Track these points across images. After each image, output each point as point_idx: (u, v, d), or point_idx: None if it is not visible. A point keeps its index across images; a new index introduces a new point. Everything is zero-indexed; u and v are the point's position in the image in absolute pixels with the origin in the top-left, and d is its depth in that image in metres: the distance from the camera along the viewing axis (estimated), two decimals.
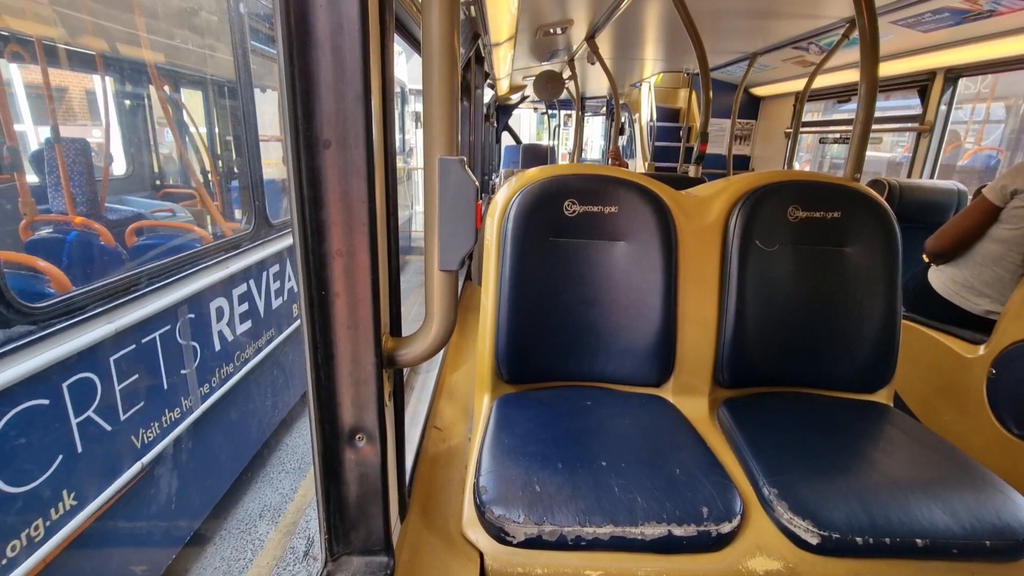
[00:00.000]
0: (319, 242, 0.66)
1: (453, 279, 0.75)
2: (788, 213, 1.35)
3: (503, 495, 0.94)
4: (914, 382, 2.08)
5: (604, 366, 1.37)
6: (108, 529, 1.84)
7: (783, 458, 1.08)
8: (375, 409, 0.75)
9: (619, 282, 1.34)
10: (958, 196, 2.59)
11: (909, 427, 1.22)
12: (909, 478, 1.03)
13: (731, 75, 4.99)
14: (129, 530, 1.95)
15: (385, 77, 0.71)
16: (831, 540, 0.91)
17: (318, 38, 0.60)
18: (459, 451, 1.33)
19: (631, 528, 0.90)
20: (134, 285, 1.99)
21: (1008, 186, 1.80)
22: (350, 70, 0.61)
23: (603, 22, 3.21)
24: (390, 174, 0.76)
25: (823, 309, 1.37)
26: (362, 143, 0.63)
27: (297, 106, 0.61)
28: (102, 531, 1.81)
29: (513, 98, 8.01)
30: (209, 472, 2.48)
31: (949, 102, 3.22)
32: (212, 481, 2.52)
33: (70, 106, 3.69)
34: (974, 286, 1.93)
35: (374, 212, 0.66)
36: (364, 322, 0.70)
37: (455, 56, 0.67)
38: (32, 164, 2.76)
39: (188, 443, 2.29)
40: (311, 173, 0.64)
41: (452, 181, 0.69)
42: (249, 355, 2.82)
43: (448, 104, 0.68)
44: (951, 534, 0.92)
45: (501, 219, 1.32)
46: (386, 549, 0.83)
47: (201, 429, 2.38)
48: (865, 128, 1.71)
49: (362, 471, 0.78)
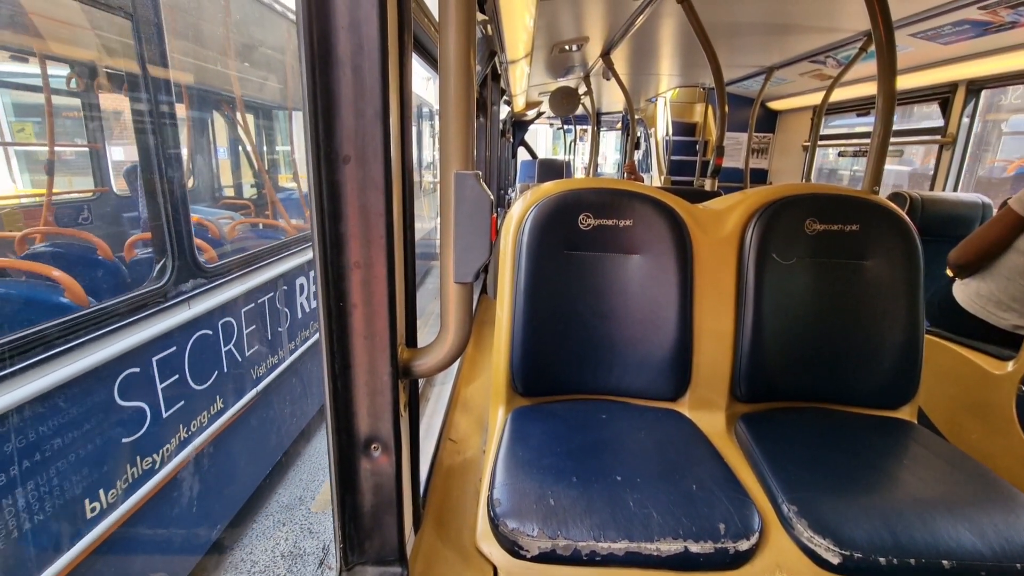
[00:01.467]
0: (338, 254, 0.68)
1: (468, 291, 0.76)
2: (805, 226, 1.34)
3: (517, 508, 0.94)
4: (939, 399, 2.02)
5: (619, 379, 1.36)
6: (239, 429, 2.57)
7: (803, 474, 1.06)
8: (391, 419, 0.76)
9: (634, 295, 1.34)
10: (982, 209, 2.54)
11: (934, 444, 1.18)
12: (935, 497, 1.00)
13: (748, 89, 4.98)
14: (253, 432, 2.74)
15: (403, 94, 0.73)
16: (852, 560, 0.89)
17: (339, 57, 0.62)
18: (474, 463, 1.33)
19: (647, 544, 0.89)
20: (248, 263, 2.71)
21: None
22: (369, 89, 0.63)
23: (618, 38, 3.25)
24: (407, 188, 0.78)
25: (843, 323, 1.35)
26: (380, 158, 0.65)
27: (319, 123, 0.64)
28: (237, 430, 2.55)
29: (529, 114, 8.10)
30: (294, 409, 3.21)
31: (972, 114, 3.17)
32: (296, 416, 3.25)
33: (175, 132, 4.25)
34: (1001, 300, 1.88)
35: (391, 225, 0.68)
36: (380, 333, 0.72)
37: (471, 74, 0.69)
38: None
39: (285, 380, 3.07)
40: (331, 187, 0.66)
41: (467, 195, 0.70)
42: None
43: (464, 120, 0.70)
44: (980, 556, 0.89)
45: (516, 232, 1.33)
46: (400, 560, 0.83)
47: (292, 373, 3.15)
48: (884, 141, 1.70)
49: (377, 480, 0.78)
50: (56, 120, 3.05)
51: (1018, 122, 4.36)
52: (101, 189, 3.34)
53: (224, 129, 4.11)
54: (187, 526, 2.14)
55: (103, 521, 1.70)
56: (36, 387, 1.46)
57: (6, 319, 1.70)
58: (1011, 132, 4.37)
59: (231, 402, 2.48)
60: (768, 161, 5.67)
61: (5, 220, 2.85)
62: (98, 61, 2.72)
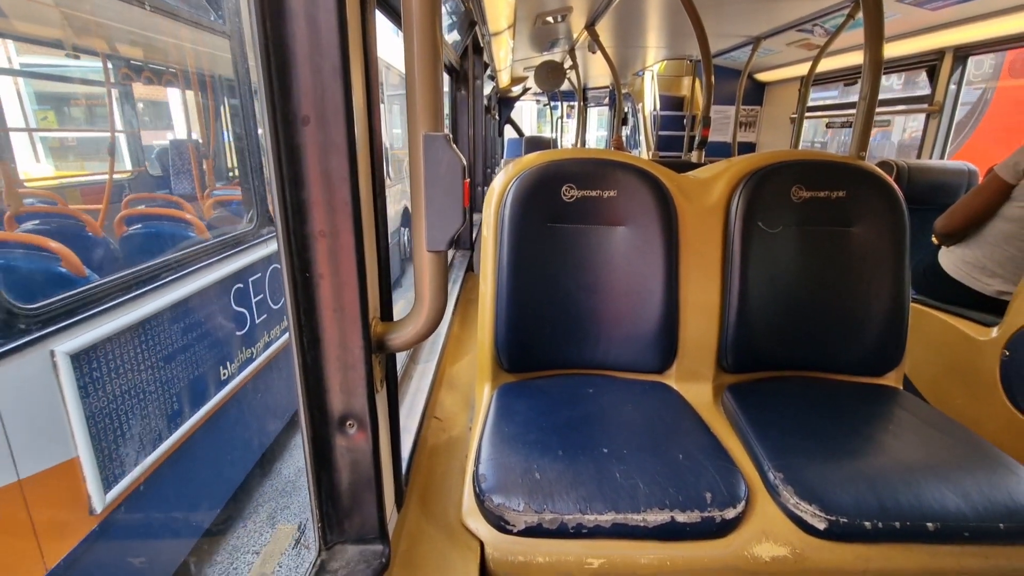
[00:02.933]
0: (300, 223, 0.64)
1: (442, 260, 0.73)
2: (792, 193, 1.32)
3: (503, 483, 0.93)
4: (924, 366, 2.04)
5: (605, 353, 1.34)
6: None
7: (789, 442, 1.06)
8: (365, 395, 0.73)
9: (619, 267, 1.32)
10: (968, 176, 2.54)
11: (919, 409, 1.18)
12: (919, 461, 1.00)
13: (735, 61, 4.92)
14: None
15: (367, 50, 0.68)
16: (839, 525, 0.89)
17: (292, 8, 0.57)
18: (459, 442, 1.31)
19: (633, 515, 0.88)
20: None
21: (1021, 163, 1.75)
22: (326, 42, 0.59)
23: (603, 9, 3.16)
24: (375, 152, 0.74)
25: (829, 291, 1.34)
26: (342, 119, 0.61)
27: (273, 81, 0.59)
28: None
29: (515, 90, 7.97)
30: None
31: (959, 82, 3.15)
32: None
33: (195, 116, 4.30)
34: (986, 266, 1.88)
35: (356, 190, 0.64)
36: (350, 305, 0.68)
37: (436, 25, 0.64)
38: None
39: None
40: (290, 151, 0.62)
41: (437, 158, 0.66)
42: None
43: (431, 77, 0.66)
44: (963, 517, 0.89)
45: (498, 206, 1.29)
46: (381, 537, 0.81)
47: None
48: (870, 107, 1.67)
49: (354, 458, 0.76)
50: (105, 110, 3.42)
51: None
52: (139, 169, 3.80)
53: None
54: (274, 400, 2.91)
55: (227, 385, 2.40)
56: (194, 287, 2.16)
57: (179, 246, 2.34)
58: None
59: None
60: (756, 134, 5.64)
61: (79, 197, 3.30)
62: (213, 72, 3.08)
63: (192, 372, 2.14)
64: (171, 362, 2.01)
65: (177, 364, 2.05)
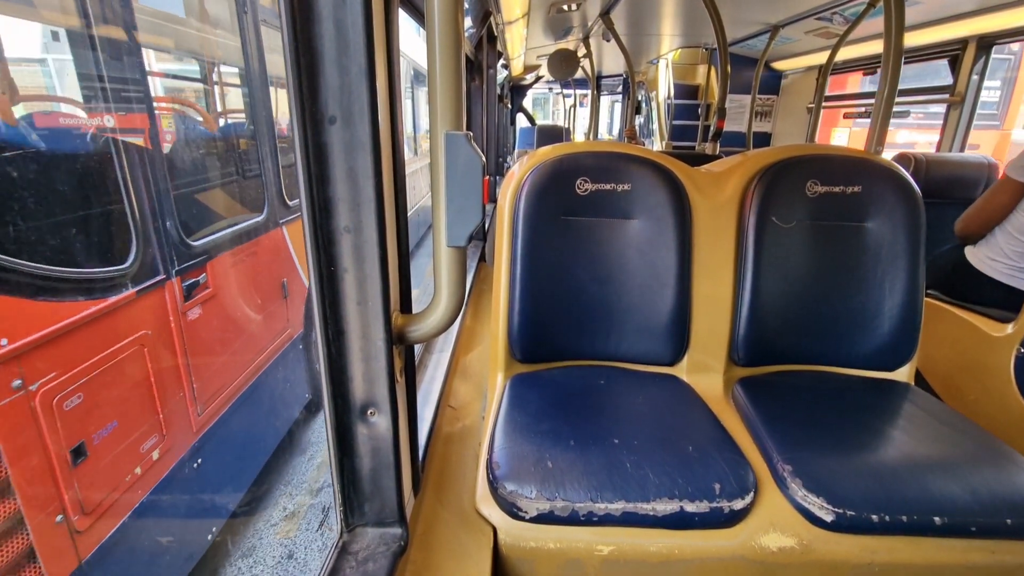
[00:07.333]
0: (327, 218, 0.67)
1: (461, 255, 0.75)
2: (806, 188, 1.32)
3: (515, 471, 0.95)
4: (937, 361, 2.03)
5: (617, 345, 1.36)
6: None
7: (798, 435, 1.07)
8: (387, 384, 0.76)
9: (632, 260, 1.33)
10: (988, 170, 2.50)
11: (929, 405, 1.19)
12: (927, 455, 1.01)
13: (751, 49, 4.84)
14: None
15: (391, 51, 0.70)
16: (846, 517, 0.90)
17: (320, 12, 0.59)
18: (473, 430, 1.34)
19: (643, 504, 0.90)
20: None
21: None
22: (353, 44, 0.60)
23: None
24: (397, 150, 0.76)
25: (842, 286, 1.34)
26: (367, 118, 0.63)
27: (302, 82, 0.61)
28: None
29: (528, 78, 7.90)
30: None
31: (982, 72, 3.08)
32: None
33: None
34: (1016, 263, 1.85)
35: (380, 188, 0.66)
36: (373, 298, 0.71)
37: (460, 28, 0.66)
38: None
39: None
40: (317, 149, 0.64)
41: (458, 156, 0.68)
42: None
43: (454, 78, 0.67)
44: (970, 511, 0.90)
45: (513, 198, 1.31)
46: (400, 521, 0.85)
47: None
48: (889, 100, 1.65)
49: (375, 445, 0.79)
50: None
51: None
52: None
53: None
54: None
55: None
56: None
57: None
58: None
59: None
60: (772, 124, 5.56)
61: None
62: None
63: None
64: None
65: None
